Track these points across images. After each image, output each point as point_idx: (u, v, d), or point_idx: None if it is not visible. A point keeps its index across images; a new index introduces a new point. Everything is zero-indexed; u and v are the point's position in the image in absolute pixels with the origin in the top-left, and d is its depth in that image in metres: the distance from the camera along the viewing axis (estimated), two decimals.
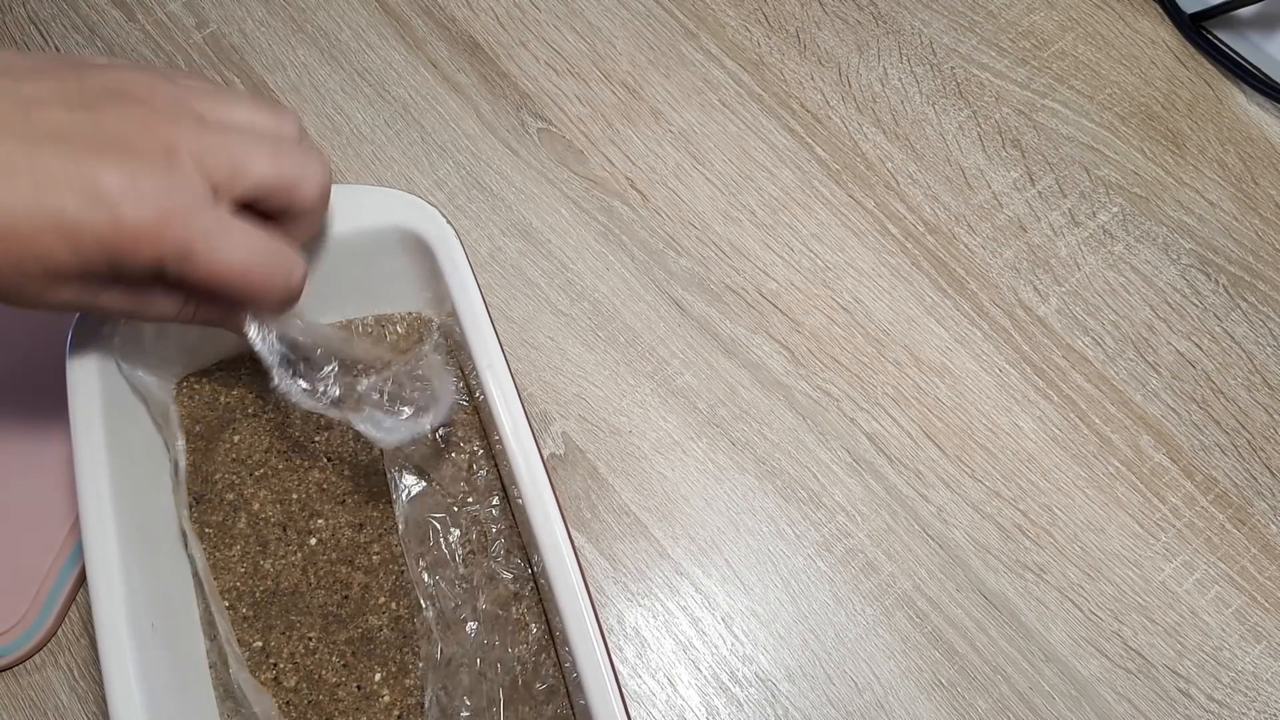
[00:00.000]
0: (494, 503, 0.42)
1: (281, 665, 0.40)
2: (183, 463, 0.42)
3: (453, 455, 0.42)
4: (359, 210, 0.41)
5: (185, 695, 0.37)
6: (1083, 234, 0.53)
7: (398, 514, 0.41)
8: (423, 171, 0.54)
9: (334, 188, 0.42)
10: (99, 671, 0.34)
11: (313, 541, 0.42)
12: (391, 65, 0.57)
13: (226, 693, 0.39)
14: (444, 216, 0.41)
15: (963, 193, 0.54)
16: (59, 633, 0.44)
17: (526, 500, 0.36)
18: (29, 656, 0.44)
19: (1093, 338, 0.51)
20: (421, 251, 0.41)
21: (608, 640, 0.36)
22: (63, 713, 0.43)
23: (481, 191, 0.54)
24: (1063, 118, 0.56)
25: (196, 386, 0.44)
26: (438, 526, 0.41)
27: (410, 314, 0.45)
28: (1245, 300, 0.51)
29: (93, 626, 0.35)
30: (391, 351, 0.41)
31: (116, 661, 0.34)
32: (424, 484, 0.42)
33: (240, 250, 0.32)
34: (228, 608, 0.40)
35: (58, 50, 0.57)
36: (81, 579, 0.45)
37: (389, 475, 0.42)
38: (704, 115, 0.56)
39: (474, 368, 0.39)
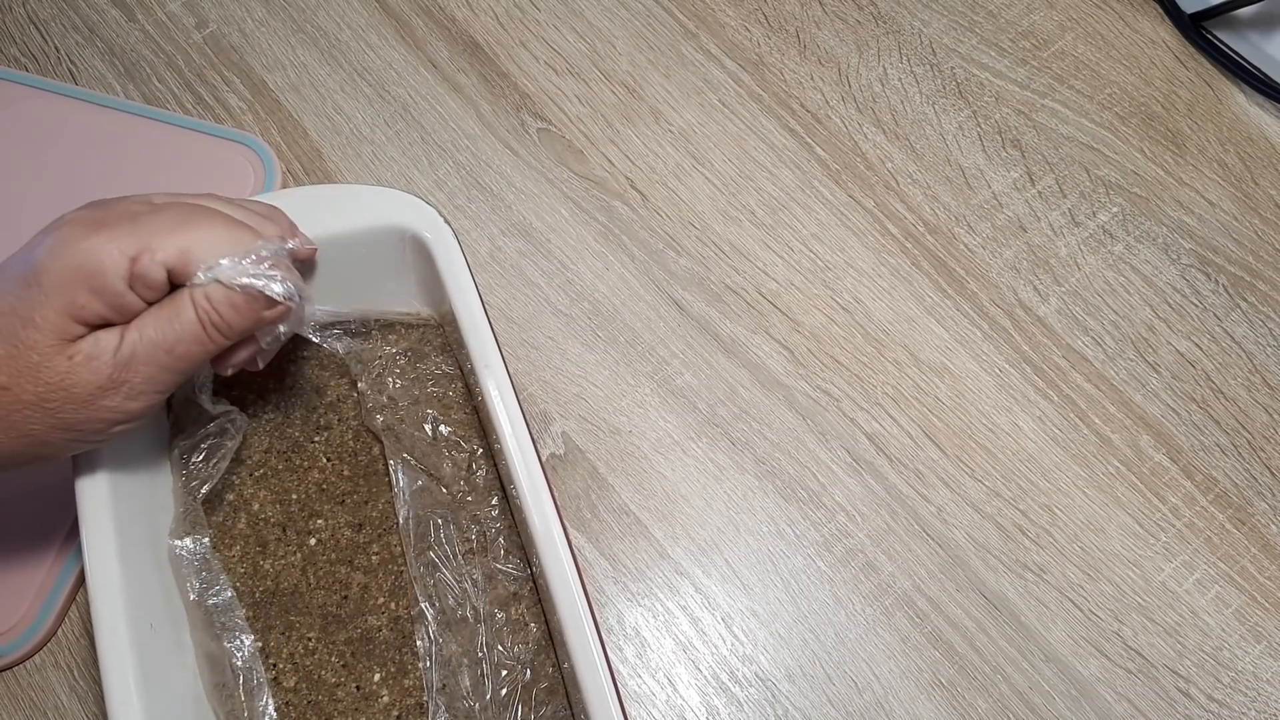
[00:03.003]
0: (493, 502, 0.42)
1: (281, 665, 0.40)
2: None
3: (452, 454, 0.42)
4: (358, 210, 0.41)
5: (185, 695, 0.37)
6: (1083, 234, 0.53)
7: (397, 513, 0.41)
8: (423, 171, 0.54)
9: (334, 187, 0.43)
10: (99, 671, 0.34)
11: (312, 542, 0.42)
12: (391, 65, 0.57)
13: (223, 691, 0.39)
14: (442, 216, 0.41)
15: (963, 193, 0.54)
16: (59, 633, 0.45)
17: (524, 501, 0.36)
18: (29, 656, 0.44)
19: (1093, 338, 0.51)
20: (420, 251, 0.41)
21: (605, 640, 0.36)
22: (63, 713, 0.43)
23: (481, 191, 0.54)
24: (1063, 118, 0.56)
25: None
26: (438, 525, 0.41)
27: (410, 313, 0.45)
28: (1245, 300, 0.51)
29: (93, 626, 0.35)
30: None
31: (116, 661, 0.34)
32: (424, 483, 0.42)
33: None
34: None
35: (57, 50, 0.57)
36: (81, 579, 0.45)
37: (389, 474, 0.42)
38: (704, 115, 0.56)
39: (472, 368, 0.39)
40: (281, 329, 0.37)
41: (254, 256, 0.34)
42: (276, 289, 0.34)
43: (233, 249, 0.34)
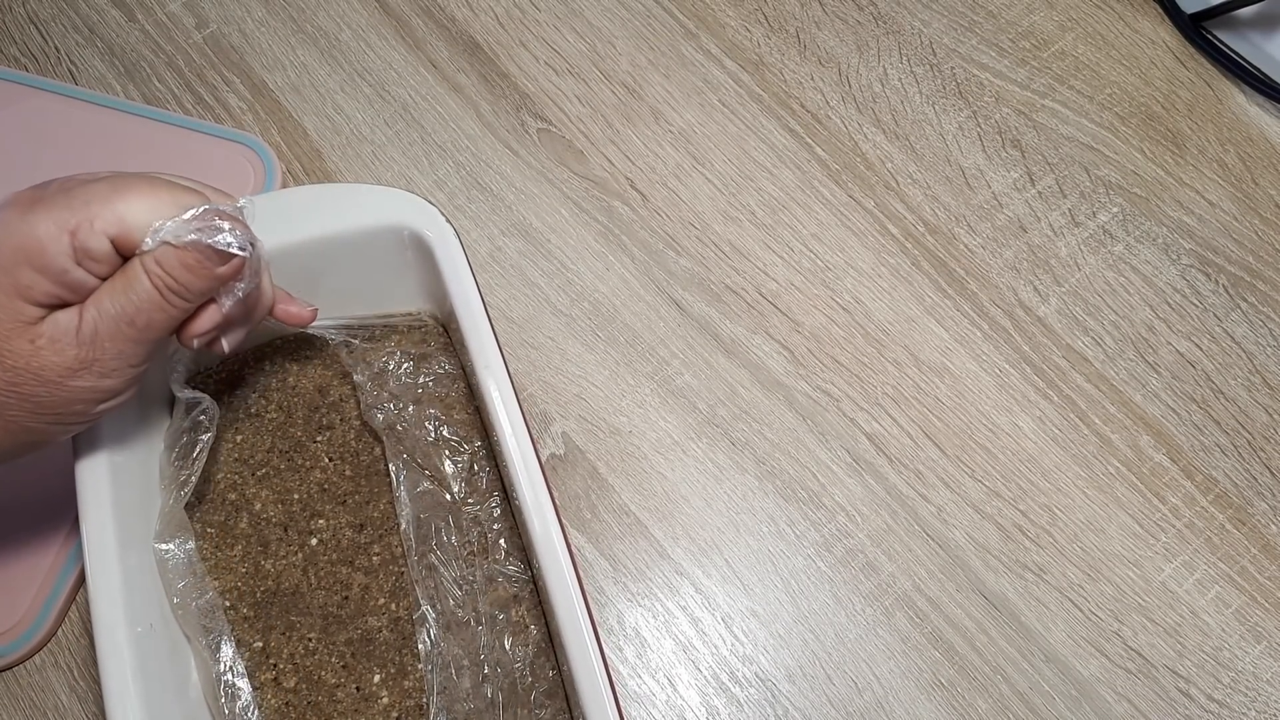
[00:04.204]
0: (494, 503, 0.42)
1: (281, 666, 0.40)
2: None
3: (454, 455, 0.42)
4: (359, 209, 0.41)
5: (183, 695, 0.37)
6: (1083, 234, 0.53)
7: (399, 514, 0.41)
8: (423, 171, 0.54)
9: (335, 187, 0.42)
10: (99, 671, 0.34)
11: (313, 542, 0.42)
12: (391, 65, 0.57)
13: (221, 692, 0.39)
14: (444, 216, 0.41)
15: (963, 193, 0.54)
16: (59, 633, 0.45)
17: (524, 502, 0.36)
18: (29, 656, 0.44)
19: (1093, 338, 0.51)
20: (421, 251, 0.41)
21: (603, 643, 0.36)
22: (63, 713, 0.43)
23: (481, 191, 0.54)
24: (1063, 118, 0.56)
25: (199, 387, 0.44)
26: (439, 527, 0.41)
27: (413, 313, 0.45)
28: (1245, 300, 0.51)
29: (92, 626, 0.35)
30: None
31: (115, 662, 0.34)
32: (425, 484, 0.42)
33: None
34: (228, 607, 0.40)
35: (57, 50, 0.57)
36: (81, 579, 0.45)
37: (390, 475, 0.42)
38: (704, 115, 0.56)
39: (473, 368, 0.39)
40: (240, 287, 0.35)
41: (198, 212, 0.33)
42: (226, 239, 0.33)
43: (174, 210, 0.33)
